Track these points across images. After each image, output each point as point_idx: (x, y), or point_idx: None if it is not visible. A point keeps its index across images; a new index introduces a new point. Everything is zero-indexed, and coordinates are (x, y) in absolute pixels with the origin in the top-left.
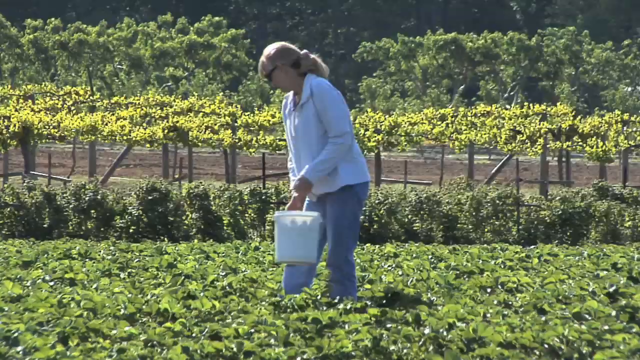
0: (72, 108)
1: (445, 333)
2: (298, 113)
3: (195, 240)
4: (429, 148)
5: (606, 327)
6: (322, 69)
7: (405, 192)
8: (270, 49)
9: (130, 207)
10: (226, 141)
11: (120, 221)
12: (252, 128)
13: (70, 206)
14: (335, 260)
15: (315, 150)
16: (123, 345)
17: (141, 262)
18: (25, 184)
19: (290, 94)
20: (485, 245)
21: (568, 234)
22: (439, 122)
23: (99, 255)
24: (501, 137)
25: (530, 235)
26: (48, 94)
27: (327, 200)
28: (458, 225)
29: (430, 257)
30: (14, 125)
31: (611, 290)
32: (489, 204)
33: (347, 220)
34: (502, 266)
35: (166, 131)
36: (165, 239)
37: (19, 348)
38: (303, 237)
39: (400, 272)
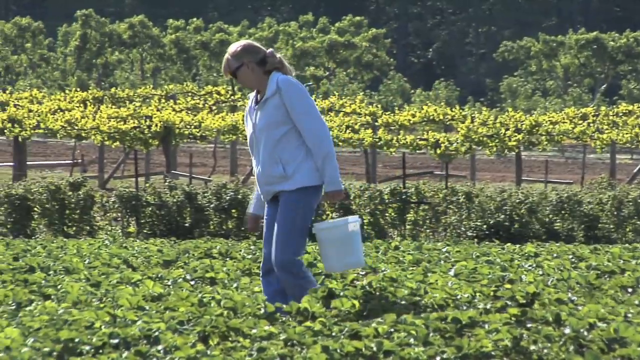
0: (214, 108)
1: (585, 333)
2: (260, 109)
3: None
4: (570, 147)
5: None
6: (287, 69)
7: (546, 192)
8: (235, 46)
9: None
10: (367, 141)
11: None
12: (392, 127)
13: (211, 205)
14: (283, 261)
15: (277, 146)
16: (263, 344)
17: None
18: (166, 183)
19: (253, 93)
20: (626, 245)
21: None
22: (580, 122)
23: (240, 254)
24: None
25: None
26: (189, 94)
27: (281, 197)
28: (599, 224)
29: (571, 256)
30: (156, 125)
31: None
32: (630, 204)
33: (299, 220)
34: None
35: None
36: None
37: (160, 347)
38: (350, 244)
39: (540, 272)
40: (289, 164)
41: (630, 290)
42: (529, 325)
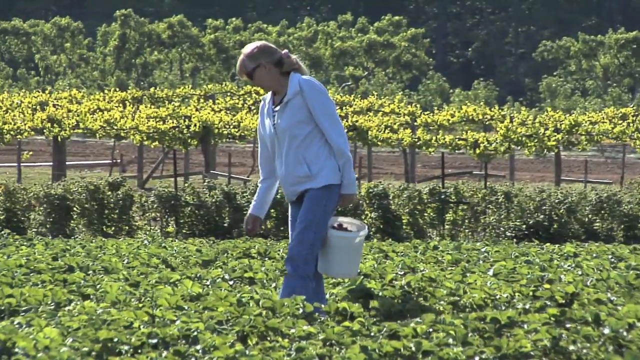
0: (252, 107)
1: (625, 333)
2: (281, 110)
3: (374, 240)
4: (609, 147)
5: None
6: (303, 70)
7: (586, 192)
8: (251, 47)
9: None
10: (405, 140)
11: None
12: (431, 127)
13: (250, 205)
14: (294, 256)
15: (301, 146)
16: (302, 344)
17: None
18: (205, 183)
19: (269, 95)
20: None
21: None
22: (620, 121)
23: (278, 254)
24: None
25: None
26: (228, 94)
27: (305, 195)
28: (639, 224)
29: (610, 256)
30: (195, 125)
31: None
32: None
33: (317, 218)
34: None
35: (345, 130)
36: None
37: (199, 346)
38: (357, 254)
39: (579, 272)
40: (313, 163)
41: None
42: (568, 326)
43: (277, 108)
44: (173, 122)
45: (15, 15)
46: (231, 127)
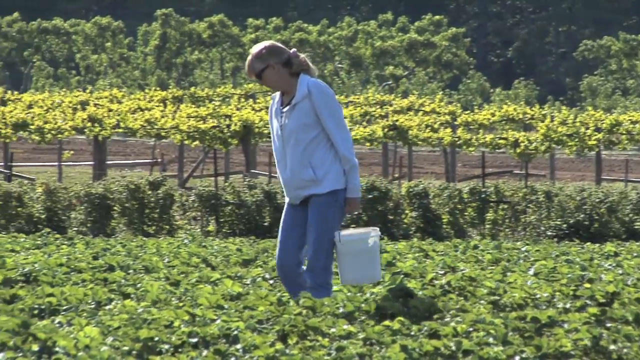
0: None
1: None
2: (289, 112)
3: (415, 239)
4: None
5: None
6: (312, 70)
7: (626, 191)
8: (259, 47)
9: None
10: (446, 140)
11: None
12: (471, 127)
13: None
14: (315, 265)
15: (307, 149)
16: (342, 343)
17: None
18: (246, 182)
19: (278, 94)
20: None
21: None
22: None
23: None
24: None
25: None
26: (269, 93)
27: (311, 202)
28: None
29: None
30: (235, 124)
31: None
32: None
33: (329, 224)
34: None
35: (386, 130)
36: (385, 237)
37: (239, 346)
38: (369, 258)
39: (620, 271)
40: (318, 167)
41: None
42: (608, 325)
43: (286, 109)
44: (213, 122)
45: (56, 15)
46: None
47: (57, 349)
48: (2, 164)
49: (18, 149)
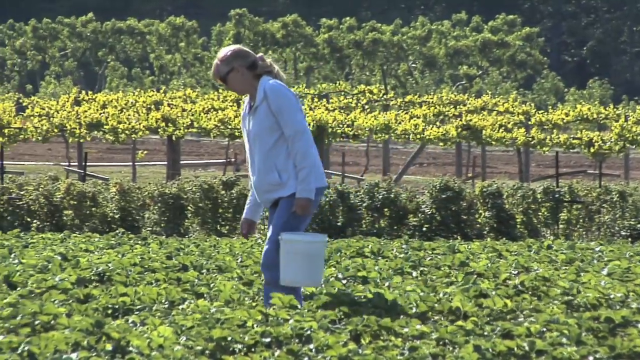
0: (366, 107)
1: None
2: (252, 116)
3: (488, 239)
4: None
5: None
6: (278, 72)
7: None
8: (225, 51)
9: (423, 206)
10: (519, 140)
11: (413, 219)
12: (545, 126)
13: (364, 204)
14: (269, 264)
15: (271, 152)
16: (415, 343)
17: (433, 261)
18: None
19: (248, 97)
20: None
21: None
22: None
23: (392, 253)
24: None
25: None
26: (342, 93)
27: (279, 203)
28: None
29: None
30: (308, 124)
31: None
32: None
33: (288, 226)
34: None
35: (459, 130)
36: (458, 237)
37: (312, 345)
38: (309, 262)
39: None
40: (283, 170)
41: None
42: None
43: (250, 113)
44: None
45: (130, 15)
46: (345, 126)
47: (130, 348)
48: (76, 163)
49: (92, 149)
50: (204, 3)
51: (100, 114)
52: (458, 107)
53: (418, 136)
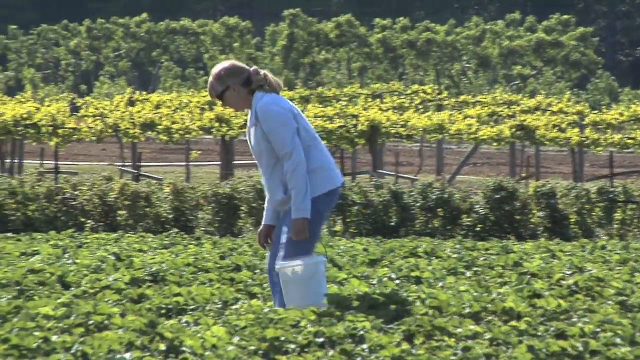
0: (420, 107)
1: None
2: (250, 133)
3: (542, 239)
4: None
5: None
6: (273, 84)
7: None
8: (218, 68)
9: (476, 206)
10: (573, 140)
11: (467, 219)
12: (599, 126)
13: (417, 204)
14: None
15: (275, 170)
16: (468, 343)
17: (487, 261)
18: (372, 182)
19: (249, 111)
20: None
21: None
22: None
23: (445, 253)
24: None
25: None
26: (396, 93)
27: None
28: None
29: None
30: (362, 124)
31: None
32: None
33: (298, 243)
34: None
35: (513, 130)
36: (512, 237)
37: (365, 345)
38: (304, 285)
39: None
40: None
41: None
42: None
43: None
44: (340, 121)
45: (184, 15)
46: (398, 126)
47: (184, 348)
48: (130, 163)
49: (146, 149)
50: (257, 3)
51: (154, 114)
52: (512, 107)
53: (472, 136)
